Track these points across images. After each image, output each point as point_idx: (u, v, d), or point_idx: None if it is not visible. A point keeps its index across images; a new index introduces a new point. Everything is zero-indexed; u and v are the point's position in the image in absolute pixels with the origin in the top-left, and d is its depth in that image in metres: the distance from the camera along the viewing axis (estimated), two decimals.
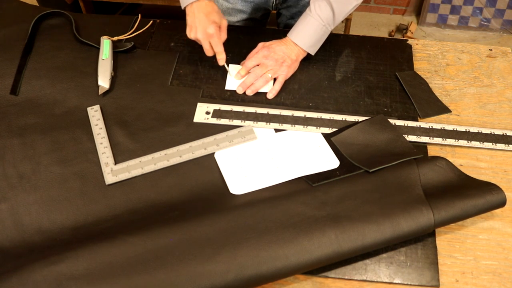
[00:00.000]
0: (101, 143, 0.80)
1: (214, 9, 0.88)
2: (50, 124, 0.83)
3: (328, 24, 0.90)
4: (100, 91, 0.88)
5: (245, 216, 0.66)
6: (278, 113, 0.85)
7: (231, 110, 0.85)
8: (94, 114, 0.85)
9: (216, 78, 0.92)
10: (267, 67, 0.90)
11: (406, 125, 0.83)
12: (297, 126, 0.83)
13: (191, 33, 0.88)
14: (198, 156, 0.77)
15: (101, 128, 0.82)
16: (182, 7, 0.89)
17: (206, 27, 0.86)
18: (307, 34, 0.90)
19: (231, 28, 1.03)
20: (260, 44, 0.94)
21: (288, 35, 0.93)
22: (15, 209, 0.72)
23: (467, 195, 0.67)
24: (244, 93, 0.89)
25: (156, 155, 0.78)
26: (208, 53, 0.89)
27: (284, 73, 0.90)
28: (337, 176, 0.74)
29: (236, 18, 1.12)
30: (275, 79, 0.91)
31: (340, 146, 0.79)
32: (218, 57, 0.89)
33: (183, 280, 0.59)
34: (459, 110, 0.88)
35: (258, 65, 0.91)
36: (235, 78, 0.92)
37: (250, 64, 0.91)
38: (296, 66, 0.93)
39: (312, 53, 0.93)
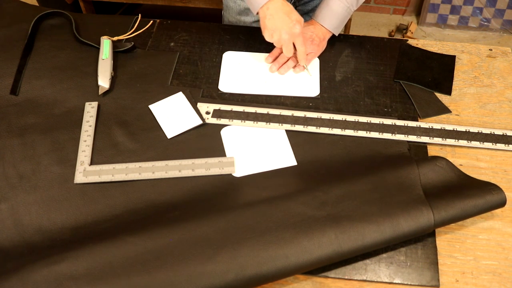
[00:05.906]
0: (85, 141, 0.80)
1: (291, 8, 0.86)
2: (50, 124, 0.83)
3: (352, 5, 0.94)
4: (100, 91, 0.88)
5: (245, 216, 0.66)
6: (278, 113, 0.85)
7: (231, 110, 0.85)
8: (90, 110, 0.85)
9: (216, 78, 0.92)
10: None
11: (406, 125, 0.83)
12: (297, 126, 0.83)
13: (273, 36, 0.86)
14: (171, 176, 0.76)
15: (90, 126, 0.82)
16: (255, 12, 0.87)
17: (291, 27, 0.84)
18: (332, 16, 0.94)
19: (230, 28, 1.03)
20: None
21: (313, 17, 0.96)
22: (15, 209, 0.72)
23: (467, 195, 0.67)
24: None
25: (131, 165, 0.77)
26: (290, 53, 0.89)
27: (314, 51, 0.94)
28: None
29: (253, 19, 1.11)
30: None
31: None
32: (301, 57, 0.89)
33: (183, 280, 0.59)
34: (459, 110, 0.87)
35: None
36: (266, 62, 0.95)
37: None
38: (324, 45, 0.96)
39: (336, 34, 0.97)
